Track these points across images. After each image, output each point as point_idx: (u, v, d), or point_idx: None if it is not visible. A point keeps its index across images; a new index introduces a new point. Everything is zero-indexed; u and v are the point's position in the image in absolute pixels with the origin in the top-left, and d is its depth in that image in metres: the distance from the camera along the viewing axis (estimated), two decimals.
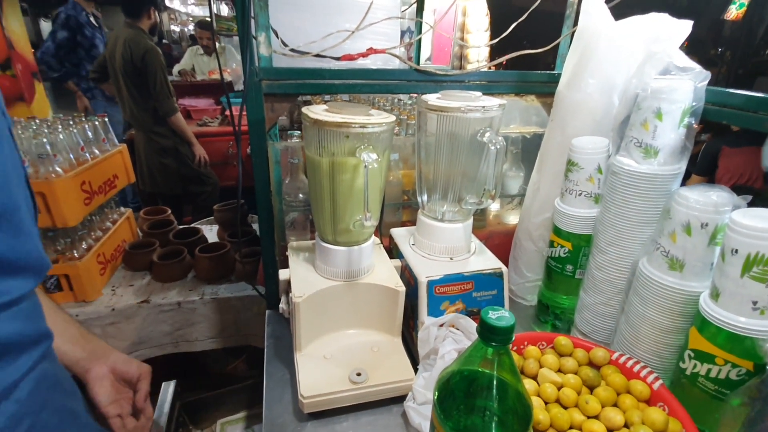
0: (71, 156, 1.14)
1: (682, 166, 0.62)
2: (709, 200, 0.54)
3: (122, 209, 1.47)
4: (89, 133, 1.25)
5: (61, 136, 1.11)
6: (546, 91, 0.94)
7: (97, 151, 1.27)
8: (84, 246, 1.19)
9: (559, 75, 0.84)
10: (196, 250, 1.30)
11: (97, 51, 2.74)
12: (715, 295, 0.51)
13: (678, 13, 0.68)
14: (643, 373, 0.59)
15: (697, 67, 0.61)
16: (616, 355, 0.63)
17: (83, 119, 1.27)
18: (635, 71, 0.66)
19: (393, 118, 0.64)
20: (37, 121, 1.20)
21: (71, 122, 1.22)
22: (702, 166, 2.29)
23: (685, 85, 0.59)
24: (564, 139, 0.80)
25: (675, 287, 0.58)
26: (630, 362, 0.61)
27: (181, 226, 1.52)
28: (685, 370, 0.55)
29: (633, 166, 0.64)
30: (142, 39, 2.25)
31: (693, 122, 0.61)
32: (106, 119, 1.35)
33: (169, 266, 1.29)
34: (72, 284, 1.15)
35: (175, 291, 1.25)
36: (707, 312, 0.51)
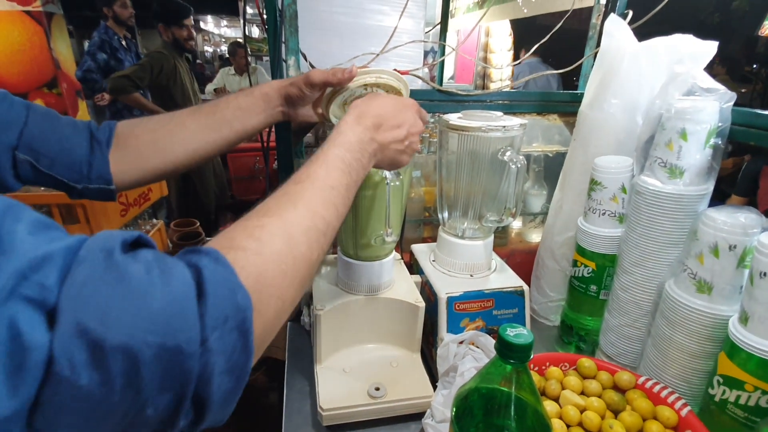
0: None
1: (709, 187, 0.61)
2: (737, 222, 0.53)
3: (154, 221, 1.54)
4: None
5: None
6: (568, 110, 0.94)
7: None
8: None
9: (582, 95, 0.85)
10: None
11: None
12: (744, 319, 0.49)
13: (709, 30, 0.68)
14: (671, 398, 0.57)
15: (722, 87, 0.60)
16: (642, 379, 0.61)
17: None
18: (659, 92, 0.66)
19: None
20: None
21: None
22: (742, 187, 2.22)
23: (711, 106, 0.59)
24: (587, 158, 0.80)
25: (703, 310, 0.56)
26: (657, 387, 0.59)
27: (208, 238, 1.57)
28: (714, 396, 0.53)
29: (658, 186, 0.63)
30: (156, 47, 2.43)
31: (720, 143, 0.60)
32: None
33: None
34: None
35: None
36: (736, 337, 0.49)
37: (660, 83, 0.67)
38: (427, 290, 0.77)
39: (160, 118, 0.59)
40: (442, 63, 1.20)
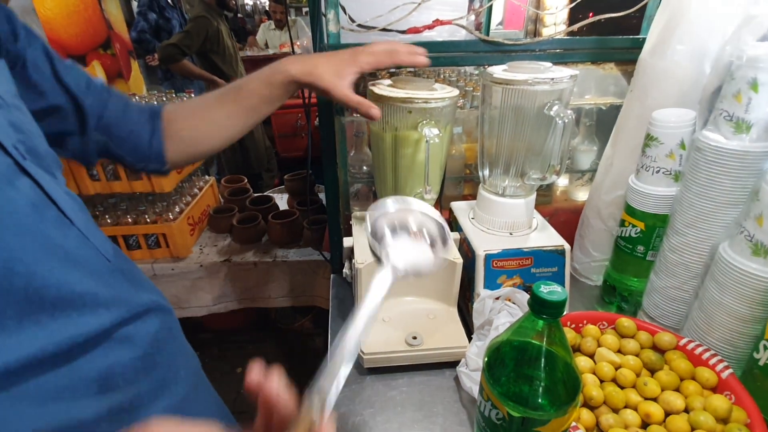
0: None
1: None
2: None
3: (207, 177, 1.63)
4: None
5: None
6: (627, 58, 0.87)
7: None
8: (177, 209, 1.35)
9: (644, 40, 0.77)
10: (269, 216, 1.41)
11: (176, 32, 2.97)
12: None
13: None
14: (713, 361, 0.57)
15: None
16: (684, 341, 0.61)
17: (174, 95, 1.41)
18: (730, 37, 0.59)
19: (456, 92, 0.65)
20: (137, 97, 1.35)
21: (165, 98, 1.36)
22: None
23: None
24: (644, 111, 0.74)
25: (757, 274, 0.53)
26: (699, 349, 0.59)
27: (256, 194, 1.65)
28: (759, 360, 0.51)
29: (721, 142, 0.58)
30: (198, 9, 2.44)
31: None
32: (193, 95, 1.48)
33: (247, 230, 1.42)
34: (168, 242, 1.32)
35: (251, 252, 1.39)
36: None
37: (733, 27, 0.60)
38: (465, 247, 0.78)
39: (193, 107, 0.63)
40: (490, 8, 1.12)
